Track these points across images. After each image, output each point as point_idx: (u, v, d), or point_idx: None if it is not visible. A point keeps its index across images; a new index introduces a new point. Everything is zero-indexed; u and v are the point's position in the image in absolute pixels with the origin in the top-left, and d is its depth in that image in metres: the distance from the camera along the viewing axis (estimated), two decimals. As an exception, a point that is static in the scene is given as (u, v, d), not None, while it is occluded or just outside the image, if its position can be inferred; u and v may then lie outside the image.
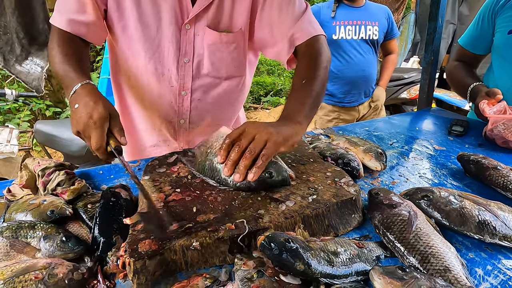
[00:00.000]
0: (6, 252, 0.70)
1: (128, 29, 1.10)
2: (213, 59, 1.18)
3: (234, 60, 1.22)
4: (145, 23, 1.09)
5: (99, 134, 0.85)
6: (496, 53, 1.52)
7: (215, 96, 1.26)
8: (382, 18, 2.56)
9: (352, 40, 2.49)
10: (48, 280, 0.62)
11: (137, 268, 0.64)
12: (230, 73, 1.24)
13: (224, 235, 0.70)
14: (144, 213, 0.76)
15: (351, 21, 2.48)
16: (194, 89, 1.21)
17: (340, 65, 2.55)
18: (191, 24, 1.11)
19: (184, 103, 1.23)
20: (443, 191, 0.87)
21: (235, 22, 1.16)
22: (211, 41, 1.15)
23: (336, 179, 0.91)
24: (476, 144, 1.35)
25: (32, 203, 0.83)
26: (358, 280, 0.66)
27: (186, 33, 1.12)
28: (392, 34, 2.66)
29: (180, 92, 1.20)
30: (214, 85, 1.24)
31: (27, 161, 0.98)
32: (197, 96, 1.23)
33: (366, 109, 2.72)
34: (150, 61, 1.14)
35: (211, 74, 1.20)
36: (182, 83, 1.18)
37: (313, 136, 1.39)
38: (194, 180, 0.90)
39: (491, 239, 0.77)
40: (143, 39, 1.10)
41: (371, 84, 2.65)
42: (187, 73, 1.17)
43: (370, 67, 2.58)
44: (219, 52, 1.17)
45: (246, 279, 0.63)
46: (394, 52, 2.79)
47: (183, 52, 1.14)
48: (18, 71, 2.53)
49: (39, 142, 2.85)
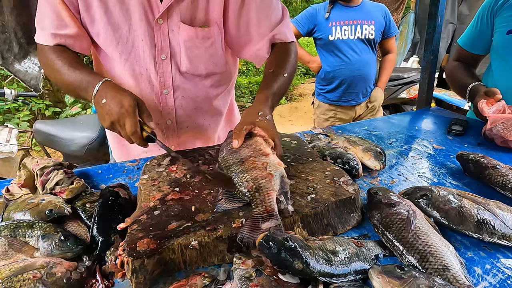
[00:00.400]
0: (4, 251, 0.70)
1: (101, 34, 1.08)
2: (190, 56, 1.15)
3: (212, 57, 1.19)
4: (115, 24, 1.07)
5: (133, 120, 0.90)
6: (495, 53, 1.52)
7: (198, 93, 1.23)
8: (379, 17, 2.55)
9: (349, 40, 2.50)
10: (47, 279, 0.62)
11: (136, 267, 0.64)
12: (209, 70, 1.21)
13: (223, 234, 0.70)
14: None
15: (346, 21, 2.49)
16: (176, 87, 1.18)
17: (337, 65, 2.56)
18: (163, 19, 1.08)
19: (168, 102, 1.20)
20: (442, 190, 0.87)
21: (211, 16, 1.13)
22: (187, 37, 1.12)
23: (335, 178, 0.91)
24: (475, 143, 1.35)
25: (31, 202, 0.83)
26: (356, 279, 0.66)
27: (159, 28, 1.09)
28: (389, 33, 2.65)
29: (162, 91, 1.17)
30: (196, 83, 1.21)
31: (26, 160, 0.98)
32: (180, 94, 1.20)
33: (363, 109, 2.72)
34: (127, 62, 1.12)
35: (190, 72, 1.18)
36: (163, 81, 1.16)
37: (312, 135, 1.39)
38: (193, 180, 0.90)
39: (490, 238, 0.77)
40: (115, 42, 1.09)
41: (369, 84, 2.65)
42: (166, 70, 1.15)
43: (367, 67, 2.58)
44: (195, 49, 1.14)
45: (244, 278, 0.63)
46: (392, 51, 2.77)
47: (158, 48, 1.11)
48: (16, 70, 2.53)
49: (38, 142, 2.84)
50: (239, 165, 0.84)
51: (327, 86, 2.68)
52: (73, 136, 2.63)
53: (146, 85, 1.15)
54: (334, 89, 2.65)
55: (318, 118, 2.83)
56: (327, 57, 2.59)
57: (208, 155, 1.06)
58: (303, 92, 7.87)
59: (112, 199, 0.84)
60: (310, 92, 7.01)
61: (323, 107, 2.77)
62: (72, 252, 0.71)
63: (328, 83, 2.66)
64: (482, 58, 1.65)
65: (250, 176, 0.80)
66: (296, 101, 7.32)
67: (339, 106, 2.70)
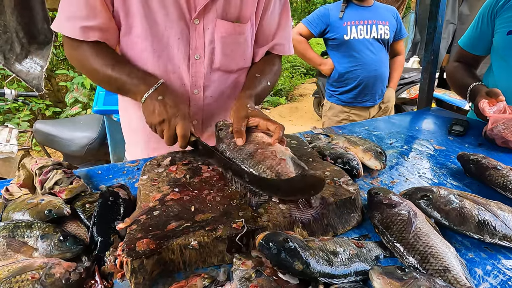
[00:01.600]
0: (3, 251, 0.70)
1: (135, 27, 1.06)
2: (226, 51, 1.16)
3: (244, 53, 1.22)
4: (153, 20, 1.05)
5: (187, 123, 0.95)
6: (496, 54, 1.51)
7: (225, 90, 1.24)
8: (391, 18, 2.53)
9: (364, 39, 2.45)
10: (45, 280, 0.62)
11: (135, 267, 0.64)
12: (240, 65, 1.23)
13: (222, 234, 0.70)
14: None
15: (361, 20, 2.44)
16: (206, 86, 1.19)
17: (352, 65, 2.50)
18: (199, 18, 1.09)
19: (197, 102, 1.20)
20: (443, 191, 0.87)
21: (244, 13, 1.15)
22: (225, 32, 1.13)
23: (335, 178, 0.90)
24: (476, 144, 1.35)
25: (30, 202, 0.83)
26: (357, 280, 0.66)
27: (195, 28, 1.10)
28: (400, 35, 2.64)
29: (193, 90, 1.18)
30: (225, 79, 1.22)
31: (25, 160, 0.97)
32: (209, 93, 1.21)
33: (376, 111, 2.69)
34: (160, 59, 1.11)
35: (222, 68, 1.19)
36: (194, 81, 1.16)
37: (313, 135, 1.39)
38: (192, 180, 0.90)
39: (491, 239, 0.76)
40: (151, 37, 1.07)
41: (384, 84, 2.61)
42: (198, 70, 1.15)
43: (383, 66, 2.55)
44: (231, 44, 1.16)
45: (244, 279, 0.63)
46: (402, 53, 2.76)
47: (193, 48, 1.12)
48: (18, 69, 2.53)
49: (38, 142, 2.84)
50: (250, 159, 0.89)
51: (341, 87, 2.61)
52: (73, 136, 2.63)
53: (178, 84, 1.16)
54: (349, 90, 2.58)
55: (330, 120, 2.74)
56: (341, 58, 2.53)
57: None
58: (303, 92, 7.87)
59: (112, 199, 0.84)
60: (310, 92, 7.01)
61: (336, 109, 2.69)
62: (71, 252, 0.71)
63: (343, 84, 2.59)
64: (482, 59, 1.65)
65: (265, 166, 0.86)
66: (296, 101, 7.32)
67: (354, 108, 2.63)
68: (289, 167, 0.85)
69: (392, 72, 2.69)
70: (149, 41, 1.08)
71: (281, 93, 7.50)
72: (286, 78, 8.23)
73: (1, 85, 4.37)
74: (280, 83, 7.72)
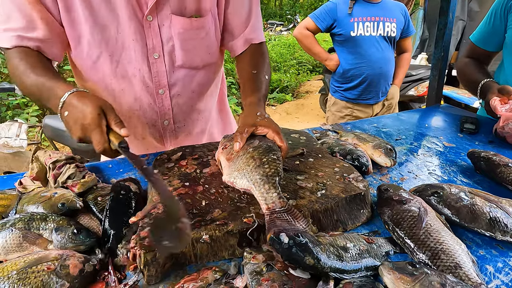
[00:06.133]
0: (19, 243, 0.71)
1: (85, 36, 1.00)
2: (186, 48, 1.10)
3: (208, 47, 1.16)
4: (102, 25, 1.00)
5: (98, 135, 0.80)
6: (508, 50, 1.49)
7: (194, 88, 1.20)
8: (399, 15, 2.51)
9: (371, 36, 2.43)
10: (60, 271, 0.63)
11: (148, 260, 0.64)
12: (205, 61, 1.17)
13: (234, 228, 0.70)
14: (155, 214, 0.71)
15: (369, 17, 2.42)
16: (172, 85, 1.14)
17: (357, 62, 2.49)
18: (152, 15, 1.03)
19: (164, 102, 1.16)
20: (454, 188, 0.86)
21: (203, 5, 1.09)
22: (181, 29, 1.07)
23: (344, 174, 0.90)
24: (486, 141, 1.34)
25: (43, 195, 0.84)
26: (367, 276, 0.66)
27: (149, 26, 1.04)
28: (408, 32, 2.61)
29: (158, 91, 1.13)
30: (191, 76, 1.17)
31: (39, 153, 0.99)
32: (176, 92, 1.16)
33: (380, 107, 2.68)
34: (118, 64, 1.06)
35: (186, 65, 1.13)
36: (157, 80, 1.11)
37: (322, 132, 1.39)
38: (203, 174, 0.91)
39: (502, 236, 0.76)
40: (105, 43, 1.02)
41: (388, 82, 2.59)
42: (160, 69, 1.10)
43: (388, 64, 2.53)
44: (191, 40, 1.10)
45: (255, 273, 0.63)
46: (409, 50, 2.73)
47: (150, 47, 1.06)
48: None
49: (47, 136, 2.87)
50: (259, 164, 0.80)
51: (346, 84, 2.60)
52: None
53: (141, 86, 1.11)
54: (353, 87, 2.57)
55: (333, 115, 2.75)
56: (347, 54, 2.52)
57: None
58: (310, 89, 7.84)
59: (123, 193, 0.85)
60: (317, 89, 6.98)
61: (339, 105, 2.70)
62: (85, 245, 0.72)
63: (347, 80, 2.58)
64: (494, 55, 1.63)
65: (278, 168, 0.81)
66: (302, 98, 7.30)
67: (357, 104, 2.63)
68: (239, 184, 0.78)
69: (397, 69, 2.67)
70: (103, 47, 1.03)
71: (287, 90, 7.48)
72: (292, 75, 8.20)
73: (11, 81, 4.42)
74: (286, 80, 7.70)
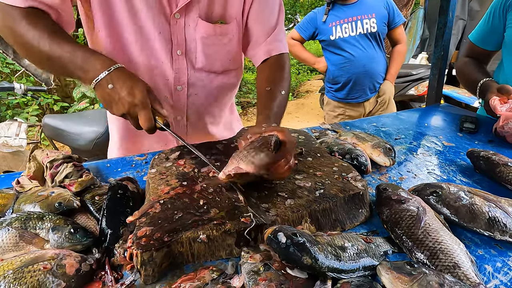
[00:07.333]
0: (15, 242, 0.71)
1: (116, 17, 1.01)
2: (207, 53, 1.12)
3: (229, 53, 1.17)
4: (134, 10, 1.00)
5: (147, 113, 0.86)
6: (507, 49, 1.49)
7: (212, 91, 1.21)
8: (380, 8, 2.51)
9: (350, 37, 2.50)
10: (57, 270, 0.63)
11: (145, 259, 0.64)
12: (225, 67, 1.19)
13: (231, 228, 0.70)
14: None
15: (345, 19, 2.49)
16: (191, 84, 1.16)
17: (340, 63, 2.58)
18: (180, 14, 1.05)
19: (181, 99, 1.18)
20: (453, 187, 0.86)
21: (229, 12, 1.11)
22: (205, 34, 1.09)
23: (343, 174, 0.90)
24: (486, 140, 1.33)
25: (41, 194, 0.84)
26: (365, 275, 0.66)
27: (176, 23, 1.05)
28: (395, 22, 2.58)
29: (176, 87, 1.14)
30: (210, 80, 1.19)
31: (36, 152, 0.98)
32: (193, 91, 1.18)
33: (373, 105, 2.69)
34: (142, 52, 1.07)
35: (205, 69, 1.15)
36: (177, 77, 1.13)
37: (321, 131, 1.38)
38: (201, 174, 0.90)
39: (501, 236, 0.76)
40: (134, 29, 1.03)
41: (376, 79, 2.60)
42: (181, 66, 1.12)
43: (373, 62, 2.55)
44: (213, 46, 1.12)
45: (252, 272, 0.63)
46: (402, 41, 2.68)
47: (175, 43, 1.08)
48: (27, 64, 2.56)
49: (47, 136, 2.87)
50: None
51: (335, 85, 2.70)
52: (81, 130, 2.65)
53: (160, 79, 1.12)
54: (341, 87, 2.67)
55: (328, 114, 2.87)
56: (332, 56, 2.63)
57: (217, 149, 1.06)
58: (310, 88, 7.83)
59: (121, 192, 0.84)
60: (317, 88, 6.98)
61: (332, 104, 2.80)
62: (82, 244, 0.72)
63: (335, 82, 2.68)
64: (494, 54, 1.62)
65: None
66: (302, 98, 7.29)
67: (348, 104, 2.71)
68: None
69: (390, 64, 2.67)
70: (131, 33, 1.03)
71: (287, 90, 7.46)
72: (292, 74, 8.19)
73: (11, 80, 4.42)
74: (286, 79, 7.68)
